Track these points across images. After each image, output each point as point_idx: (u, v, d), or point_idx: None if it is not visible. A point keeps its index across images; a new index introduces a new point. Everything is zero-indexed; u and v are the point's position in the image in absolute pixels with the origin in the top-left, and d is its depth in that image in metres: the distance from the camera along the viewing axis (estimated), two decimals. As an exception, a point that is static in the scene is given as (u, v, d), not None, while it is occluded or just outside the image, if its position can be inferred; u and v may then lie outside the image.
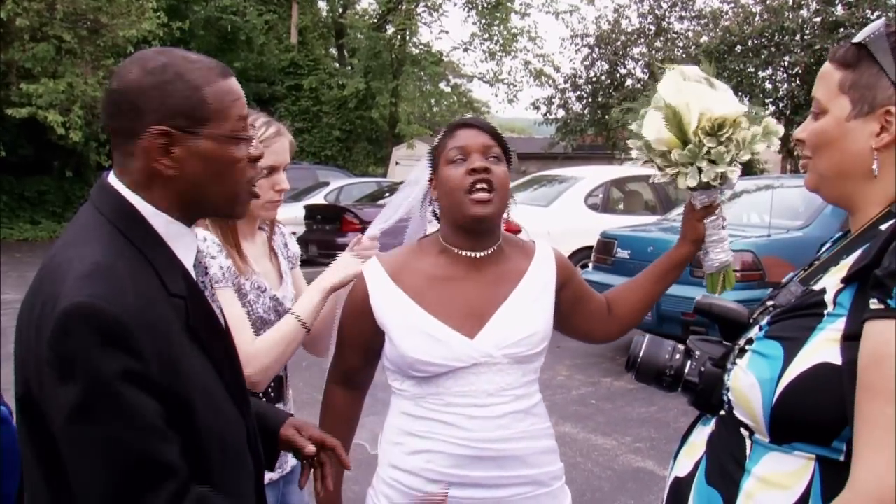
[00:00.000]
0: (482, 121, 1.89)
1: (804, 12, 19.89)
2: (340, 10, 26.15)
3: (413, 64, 24.26)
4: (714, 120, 1.75)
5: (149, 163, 1.25)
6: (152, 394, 1.14)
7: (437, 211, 1.91)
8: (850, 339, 1.12)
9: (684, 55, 20.72)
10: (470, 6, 24.99)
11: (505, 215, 1.90)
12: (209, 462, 1.24)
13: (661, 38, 21.68)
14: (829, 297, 1.18)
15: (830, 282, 1.20)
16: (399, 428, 1.83)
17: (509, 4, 24.59)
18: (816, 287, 1.22)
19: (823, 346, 1.15)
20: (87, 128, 16.36)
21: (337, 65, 26.59)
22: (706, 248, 1.95)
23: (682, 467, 1.34)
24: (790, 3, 19.62)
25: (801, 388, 1.14)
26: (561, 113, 22.87)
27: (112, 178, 1.29)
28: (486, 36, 25.27)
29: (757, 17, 20.18)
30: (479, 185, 1.75)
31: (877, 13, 19.02)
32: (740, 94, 21.19)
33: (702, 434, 1.34)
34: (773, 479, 1.17)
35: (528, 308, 1.82)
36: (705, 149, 1.77)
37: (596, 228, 7.90)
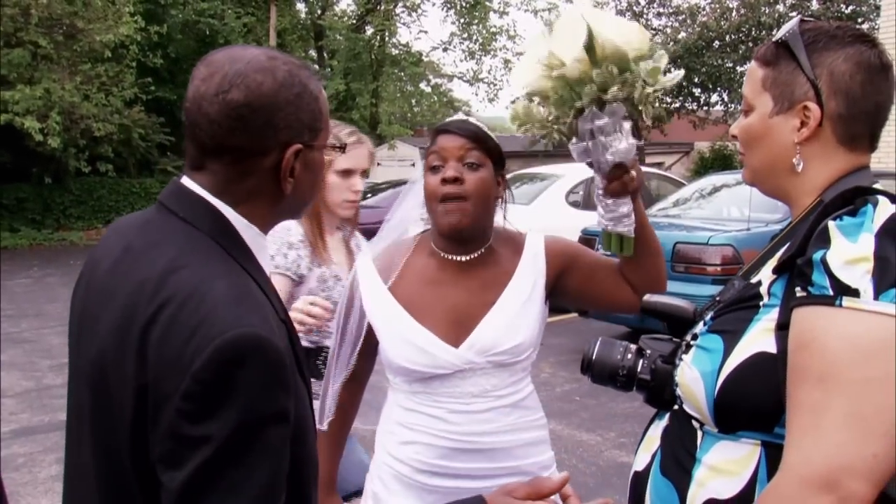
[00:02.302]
0: (464, 124, 1.83)
1: (780, 7, 20.07)
2: (319, 12, 26.06)
3: (393, 64, 24.26)
4: (622, 48, 1.51)
5: (270, 180, 1.16)
6: (289, 429, 1.07)
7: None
8: (783, 328, 1.15)
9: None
10: (448, 6, 25.02)
11: (498, 220, 1.89)
12: (308, 488, 1.19)
13: (640, 35, 21.77)
14: (763, 289, 1.22)
15: (766, 273, 1.24)
16: (392, 418, 1.88)
17: (488, 3, 24.64)
18: (754, 280, 1.26)
19: (760, 337, 1.18)
20: (66, 134, 16.20)
21: (316, 66, 26.49)
22: (603, 214, 1.78)
23: (640, 461, 1.38)
24: (766, -2, 19.77)
25: (740, 378, 1.18)
26: (541, 111, 22.87)
27: (198, 189, 1.16)
28: (465, 35, 25.34)
29: (734, 13, 20.35)
30: (450, 195, 1.75)
31: (851, 7, 19.21)
32: (719, 88, 21.36)
33: (657, 428, 1.37)
34: (722, 466, 1.21)
35: (515, 315, 1.81)
36: (616, 79, 1.52)
37: (577, 226, 7.92)
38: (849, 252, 1.08)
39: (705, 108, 22.59)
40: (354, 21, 25.42)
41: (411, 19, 26.01)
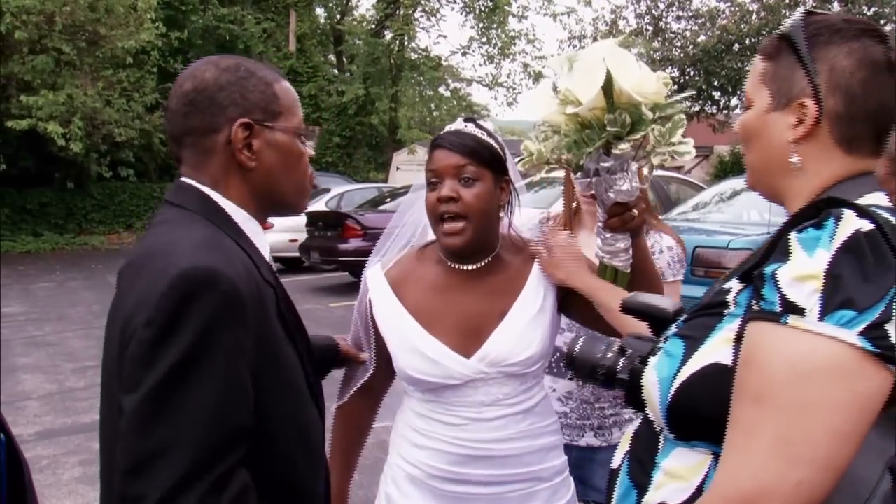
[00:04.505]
0: (458, 137, 1.79)
1: (801, 10, 19.91)
2: (338, 17, 26.21)
3: (412, 69, 24.31)
4: (637, 99, 1.51)
5: (230, 156, 1.31)
6: (249, 368, 1.14)
7: None
8: (740, 340, 1.10)
9: (682, 55, 20.75)
10: (467, 10, 25.04)
11: (505, 229, 1.88)
12: (293, 460, 1.23)
13: (659, 39, 21.69)
14: (731, 297, 1.16)
15: (736, 281, 1.18)
16: (407, 422, 1.88)
17: (507, 8, 24.63)
18: (726, 286, 1.20)
19: (718, 346, 1.13)
20: (88, 139, 16.39)
21: (336, 71, 26.65)
22: (601, 246, 1.78)
23: (616, 459, 1.35)
24: (787, 1, 19.65)
25: (692, 387, 1.14)
26: (560, 115, 22.82)
27: (190, 181, 1.33)
28: (484, 39, 25.32)
29: (754, 16, 20.21)
30: (447, 216, 1.74)
31: (873, 9, 19.04)
32: (739, 92, 21.22)
33: (632, 429, 1.34)
34: (675, 472, 1.17)
35: (527, 327, 1.79)
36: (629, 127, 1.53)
37: (596, 229, 7.89)
38: (800, 268, 1.03)
39: (725, 111, 22.46)
40: (373, 26, 25.52)
41: (430, 24, 26.17)
